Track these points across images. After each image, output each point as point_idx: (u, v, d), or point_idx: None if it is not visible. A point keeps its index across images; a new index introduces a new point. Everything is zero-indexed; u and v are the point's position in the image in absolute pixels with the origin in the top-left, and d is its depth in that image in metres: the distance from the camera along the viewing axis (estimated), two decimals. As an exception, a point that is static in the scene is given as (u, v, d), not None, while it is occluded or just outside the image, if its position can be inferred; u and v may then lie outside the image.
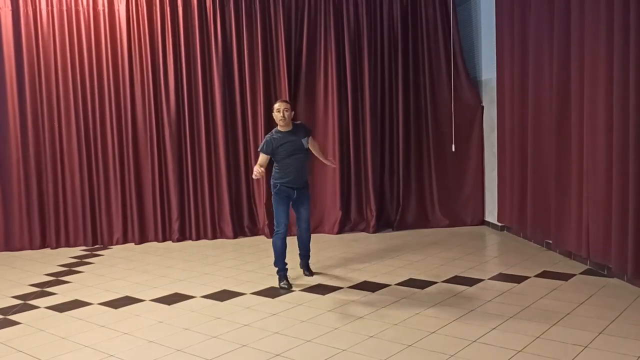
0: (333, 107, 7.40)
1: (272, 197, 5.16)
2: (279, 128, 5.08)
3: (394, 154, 7.63)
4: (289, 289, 5.00)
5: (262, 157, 5.07)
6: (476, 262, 5.64)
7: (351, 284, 5.05)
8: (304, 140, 5.09)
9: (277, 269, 5.17)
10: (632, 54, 4.42)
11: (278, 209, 5.10)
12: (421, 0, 7.48)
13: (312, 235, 5.13)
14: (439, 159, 7.59)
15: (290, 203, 5.17)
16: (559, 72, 5.51)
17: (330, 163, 5.67)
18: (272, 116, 5.16)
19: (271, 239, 5.31)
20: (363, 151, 7.53)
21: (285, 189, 5.08)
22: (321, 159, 5.54)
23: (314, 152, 5.40)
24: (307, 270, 5.45)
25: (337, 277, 5.30)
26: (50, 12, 7.10)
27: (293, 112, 5.21)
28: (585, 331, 3.70)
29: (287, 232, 5.14)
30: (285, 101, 5.17)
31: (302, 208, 5.23)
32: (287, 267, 5.17)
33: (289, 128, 5.08)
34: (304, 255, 5.46)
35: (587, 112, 5.08)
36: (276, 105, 5.06)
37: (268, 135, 5.12)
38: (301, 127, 5.21)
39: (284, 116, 4.99)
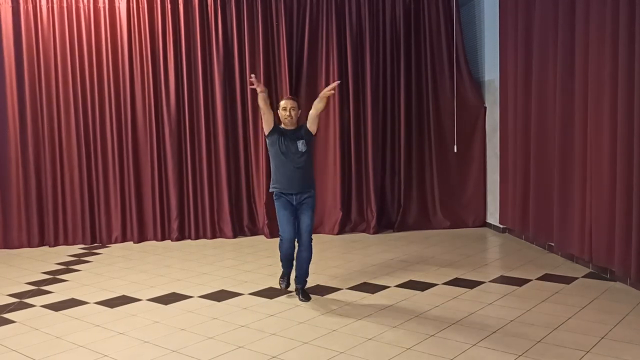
0: (334, 107, 7.34)
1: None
2: (282, 126, 4.67)
3: (395, 154, 7.58)
4: (284, 289, 4.82)
5: (268, 115, 4.57)
6: (477, 265, 5.59)
7: (350, 285, 5.00)
8: (300, 142, 4.58)
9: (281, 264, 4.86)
10: (637, 56, 4.36)
11: (279, 214, 4.64)
12: (424, 0, 7.44)
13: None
14: (441, 159, 7.53)
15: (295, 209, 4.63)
16: (563, 73, 5.45)
17: (329, 90, 4.65)
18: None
19: (271, 239, 5.25)
20: (364, 151, 7.48)
21: (282, 194, 4.62)
22: (320, 102, 4.64)
23: (316, 113, 4.65)
24: (302, 295, 4.65)
25: (336, 278, 5.24)
26: (51, 9, 7.06)
27: (300, 111, 4.73)
28: (588, 336, 3.64)
29: (294, 238, 4.60)
30: (293, 98, 4.76)
31: (301, 216, 4.61)
32: (290, 270, 4.78)
33: (294, 127, 4.67)
34: (300, 279, 4.70)
35: (591, 114, 5.02)
36: (282, 103, 4.65)
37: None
38: (303, 128, 4.68)
39: (290, 114, 4.59)
